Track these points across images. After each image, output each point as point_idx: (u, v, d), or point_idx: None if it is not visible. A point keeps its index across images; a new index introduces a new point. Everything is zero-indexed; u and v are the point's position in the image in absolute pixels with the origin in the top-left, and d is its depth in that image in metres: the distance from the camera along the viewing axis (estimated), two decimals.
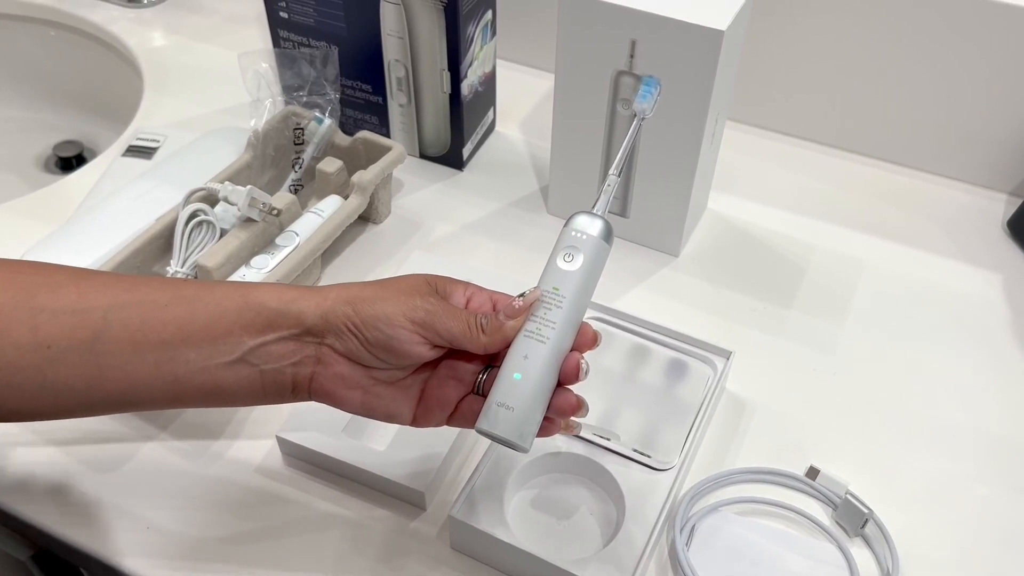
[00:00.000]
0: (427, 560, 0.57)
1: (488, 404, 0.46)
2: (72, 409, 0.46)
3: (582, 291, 0.47)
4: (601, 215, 0.49)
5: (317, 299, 0.46)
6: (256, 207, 0.69)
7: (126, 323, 0.45)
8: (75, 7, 1.02)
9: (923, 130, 0.85)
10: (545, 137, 0.81)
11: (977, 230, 0.82)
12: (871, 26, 0.80)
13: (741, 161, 0.87)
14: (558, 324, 0.46)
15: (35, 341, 0.44)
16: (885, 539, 0.58)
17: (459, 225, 0.80)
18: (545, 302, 0.47)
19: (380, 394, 0.48)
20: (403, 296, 0.46)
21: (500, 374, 0.46)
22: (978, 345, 0.72)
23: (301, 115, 0.78)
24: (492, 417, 0.45)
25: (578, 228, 0.48)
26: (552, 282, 0.47)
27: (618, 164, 0.51)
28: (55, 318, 0.44)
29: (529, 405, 0.45)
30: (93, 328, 0.44)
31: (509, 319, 0.46)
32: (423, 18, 0.76)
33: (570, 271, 0.47)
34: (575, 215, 0.49)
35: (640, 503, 0.57)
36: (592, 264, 0.48)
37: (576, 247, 0.47)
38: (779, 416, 0.66)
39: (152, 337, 0.45)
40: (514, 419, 0.45)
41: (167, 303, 0.46)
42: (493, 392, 0.46)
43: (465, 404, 0.49)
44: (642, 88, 0.53)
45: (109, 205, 0.76)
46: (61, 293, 0.45)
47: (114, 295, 0.46)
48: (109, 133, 1.03)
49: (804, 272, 0.77)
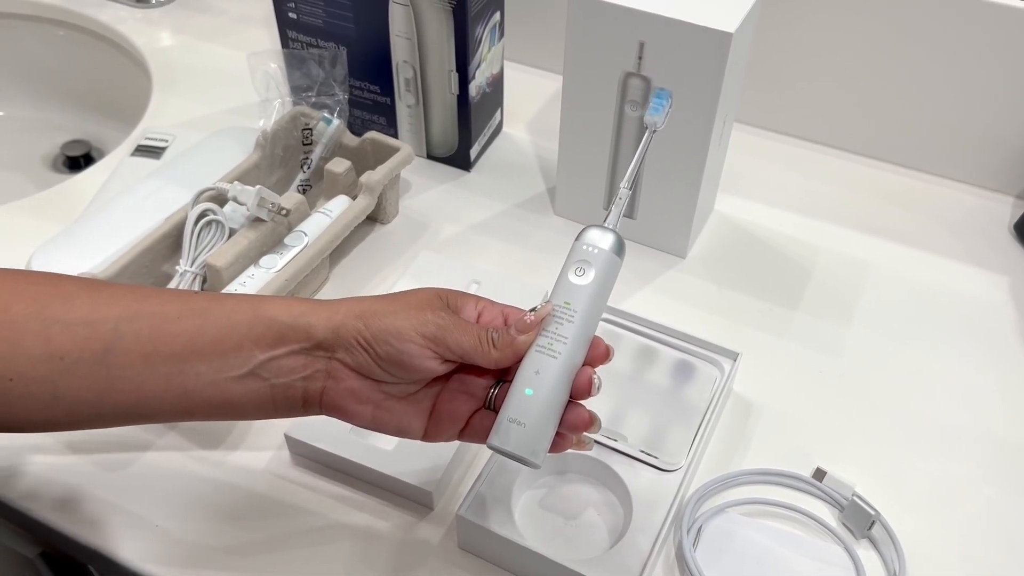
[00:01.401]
0: (434, 560, 0.57)
1: (499, 420, 0.46)
2: (83, 420, 0.46)
3: (594, 305, 0.47)
4: (613, 228, 0.49)
5: (328, 313, 0.46)
6: (265, 207, 0.69)
7: (137, 335, 0.45)
8: (83, 7, 1.03)
9: (930, 133, 0.85)
10: (552, 138, 0.81)
11: (983, 233, 0.82)
12: (879, 29, 0.80)
13: (748, 163, 0.87)
14: (570, 339, 0.46)
15: (48, 352, 0.43)
16: (892, 541, 0.58)
17: (466, 226, 0.81)
18: (557, 317, 0.46)
19: (391, 408, 0.48)
20: (414, 310, 0.46)
21: (512, 389, 0.46)
22: (984, 347, 0.72)
23: (310, 115, 0.79)
24: (504, 433, 0.45)
25: (590, 242, 0.48)
26: (564, 296, 0.47)
27: (630, 177, 0.51)
28: (67, 330, 0.44)
29: (541, 421, 0.45)
30: (104, 340, 0.44)
31: (521, 334, 0.46)
32: (431, 19, 0.77)
33: (582, 285, 0.47)
34: (587, 229, 0.49)
35: (647, 504, 0.57)
36: (604, 278, 0.47)
37: (588, 261, 0.47)
38: (786, 417, 0.66)
39: (163, 349, 0.45)
40: (526, 435, 0.45)
41: (178, 316, 0.45)
42: (505, 408, 0.46)
43: (476, 419, 0.49)
44: (653, 101, 0.53)
45: (117, 205, 0.76)
46: (73, 304, 0.45)
47: (125, 306, 0.45)
48: (117, 133, 1.03)
49: (811, 274, 0.77)
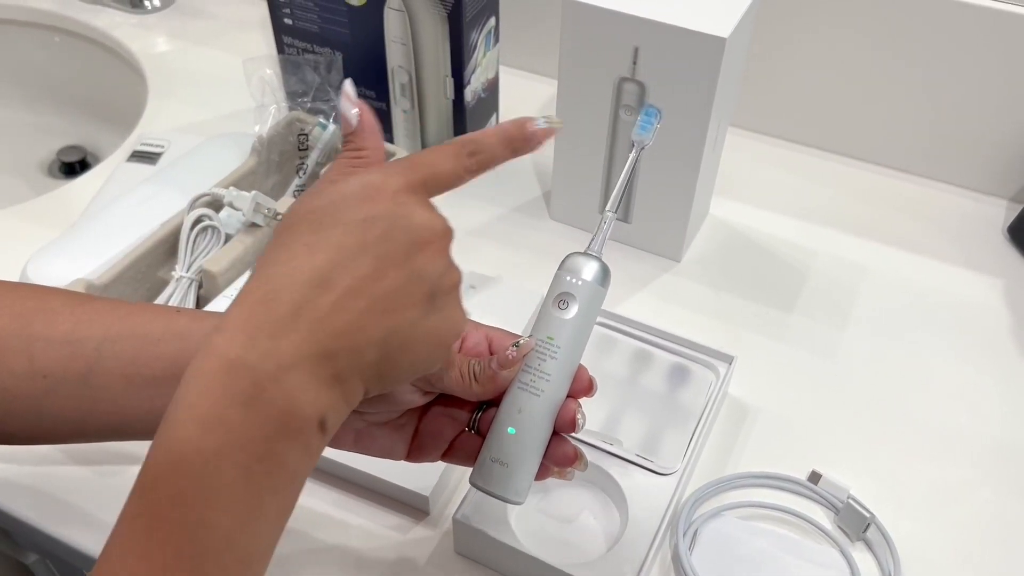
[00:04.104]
0: (430, 564, 0.57)
1: (482, 458, 0.46)
2: (68, 436, 0.46)
3: (577, 340, 0.46)
4: (597, 255, 0.47)
5: None
6: (261, 212, 0.69)
7: (118, 356, 0.44)
8: (79, 13, 1.03)
9: (923, 136, 0.85)
10: (548, 143, 0.81)
11: (978, 236, 0.82)
12: (873, 33, 0.81)
13: (743, 166, 0.87)
14: (553, 376, 0.45)
15: (31, 370, 0.43)
16: (887, 543, 0.58)
17: (461, 230, 0.79)
18: (539, 352, 0.45)
19: (373, 434, 0.48)
20: None
21: (494, 426, 0.46)
22: (979, 350, 0.72)
23: (305, 121, 0.79)
24: (486, 473, 0.45)
25: (573, 272, 0.46)
26: (546, 331, 0.46)
27: (614, 200, 0.48)
28: (50, 348, 0.44)
29: (523, 460, 0.45)
30: (87, 360, 0.44)
31: (503, 369, 0.45)
32: (427, 25, 0.77)
33: (564, 319, 0.45)
34: (569, 256, 0.47)
35: (643, 507, 0.58)
36: (587, 311, 0.46)
37: (571, 293, 0.46)
38: (781, 421, 0.66)
39: (144, 371, 0.44)
40: (508, 475, 0.45)
41: (159, 338, 0.45)
42: (486, 446, 0.46)
43: (460, 441, 0.48)
44: (642, 118, 0.50)
45: (113, 210, 0.76)
46: (56, 321, 0.45)
47: (108, 325, 0.45)
48: (113, 138, 1.03)
49: (806, 277, 0.77)
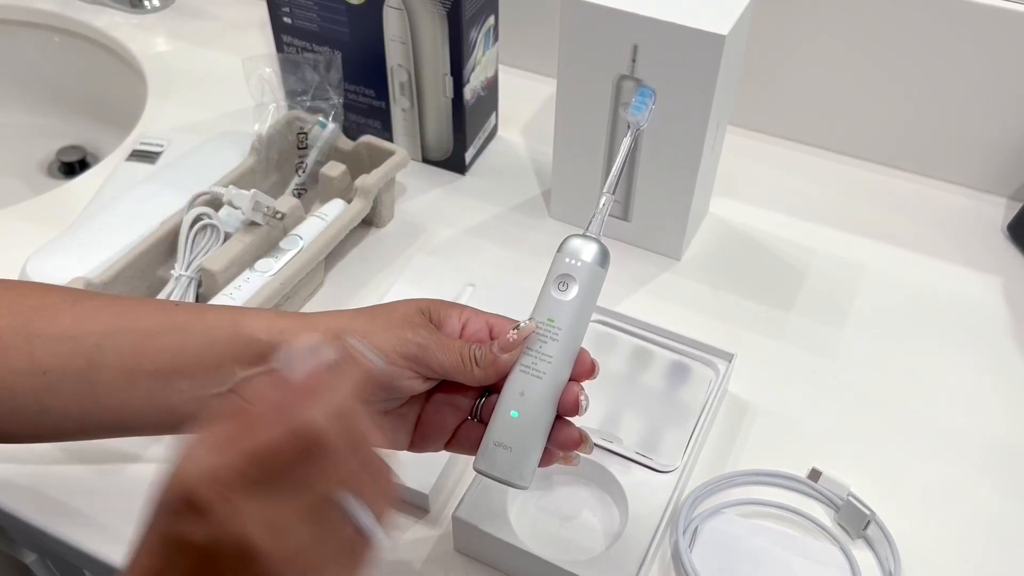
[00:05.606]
0: (430, 562, 0.57)
1: (485, 443, 0.45)
2: (71, 433, 0.46)
3: (578, 321, 0.46)
4: (596, 237, 0.47)
5: (307, 332, 0.45)
6: (260, 211, 0.69)
7: (119, 351, 0.44)
8: (79, 13, 1.03)
9: (923, 134, 0.85)
10: (547, 142, 0.81)
11: (977, 234, 0.82)
12: (872, 31, 0.81)
13: (742, 165, 0.87)
14: (554, 358, 0.45)
15: (32, 368, 0.43)
16: (887, 541, 0.58)
17: (461, 229, 0.81)
18: (540, 334, 0.45)
19: None
20: (394, 329, 0.45)
21: (496, 411, 0.45)
22: (978, 348, 0.72)
23: (304, 120, 0.79)
24: (489, 457, 0.45)
25: (572, 254, 0.46)
26: (546, 313, 0.45)
27: (611, 182, 0.48)
28: (50, 345, 0.44)
29: (527, 443, 0.45)
30: (87, 356, 0.44)
31: (504, 352, 0.45)
32: (426, 23, 0.77)
33: (564, 301, 0.45)
34: (568, 239, 0.47)
35: (643, 505, 0.58)
36: (587, 292, 0.46)
37: (570, 275, 0.46)
38: (781, 418, 0.66)
39: (146, 365, 0.44)
40: (512, 458, 0.45)
41: (159, 331, 0.45)
42: (490, 430, 0.45)
43: (463, 430, 0.48)
44: (635, 99, 0.50)
45: (113, 209, 0.76)
46: (57, 318, 0.45)
47: (107, 321, 0.45)
48: (112, 138, 1.03)
49: (805, 276, 0.77)
